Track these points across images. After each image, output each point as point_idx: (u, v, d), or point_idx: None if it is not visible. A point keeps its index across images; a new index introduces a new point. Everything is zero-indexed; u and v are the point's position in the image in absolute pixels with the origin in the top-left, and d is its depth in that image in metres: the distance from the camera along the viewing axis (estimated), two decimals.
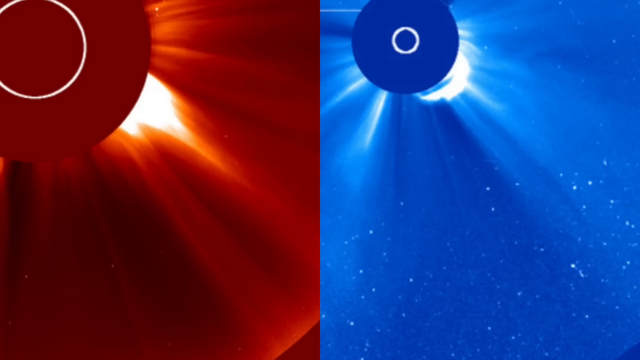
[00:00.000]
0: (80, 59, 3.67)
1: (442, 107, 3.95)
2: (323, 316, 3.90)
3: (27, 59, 3.65)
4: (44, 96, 3.68)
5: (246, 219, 3.79)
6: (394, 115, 3.93)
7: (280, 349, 3.80)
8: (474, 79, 3.96)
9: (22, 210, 3.71)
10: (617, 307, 3.92)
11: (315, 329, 3.80)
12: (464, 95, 3.94)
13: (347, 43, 3.88)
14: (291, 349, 3.79)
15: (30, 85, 3.66)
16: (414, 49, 3.89)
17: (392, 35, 3.89)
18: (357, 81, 3.91)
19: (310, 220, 3.80)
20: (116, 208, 3.76)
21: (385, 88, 3.90)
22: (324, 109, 3.89)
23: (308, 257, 3.81)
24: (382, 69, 3.90)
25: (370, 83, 3.90)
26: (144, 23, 3.69)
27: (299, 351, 3.79)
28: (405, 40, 3.89)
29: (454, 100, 3.95)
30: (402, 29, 3.89)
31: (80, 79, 3.68)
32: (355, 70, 3.90)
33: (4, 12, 3.63)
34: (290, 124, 3.78)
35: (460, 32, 3.89)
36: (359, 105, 3.92)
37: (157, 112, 3.78)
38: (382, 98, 3.92)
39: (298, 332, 3.80)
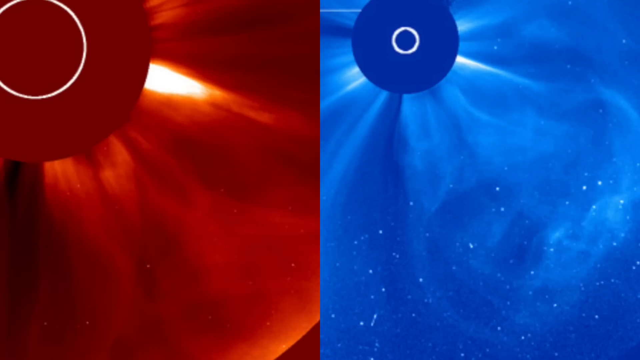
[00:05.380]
0: (80, 59, 3.69)
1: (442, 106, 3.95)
2: (333, 316, 3.85)
3: (27, 59, 3.67)
4: (44, 96, 3.68)
5: (245, 220, 3.77)
6: (394, 115, 3.92)
7: (279, 350, 3.75)
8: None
9: (22, 210, 3.69)
10: (627, 307, 3.86)
11: (315, 329, 3.75)
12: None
13: (347, 43, 3.89)
14: (291, 349, 3.73)
15: (30, 85, 3.67)
16: (414, 49, 3.90)
17: (392, 35, 3.89)
18: (357, 81, 3.91)
19: (311, 220, 3.77)
20: (116, 209, 3.74)
21: (385, 88, 3.90)
22: (324, 109, 3.88)
23: (308, 257, 3.78)
24: (382, 69, 3.89)
25: (370, 83, 3.90)
26: (144, 23, 3.71)
27: (299, 351, 3.74)
28: (405, 40, 3.90)
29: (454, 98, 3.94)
30: (402, 29, 3.90)
31: (80, 79, 3.69)
32: (355, 70, 3.90)
33: (4, 12, 3.66)
34: (290, 123, 3.78)
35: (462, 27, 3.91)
36: (358, 105, 3.91)
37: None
38: (381, 98, 3.91)
39: (298, 332, 3.75)
